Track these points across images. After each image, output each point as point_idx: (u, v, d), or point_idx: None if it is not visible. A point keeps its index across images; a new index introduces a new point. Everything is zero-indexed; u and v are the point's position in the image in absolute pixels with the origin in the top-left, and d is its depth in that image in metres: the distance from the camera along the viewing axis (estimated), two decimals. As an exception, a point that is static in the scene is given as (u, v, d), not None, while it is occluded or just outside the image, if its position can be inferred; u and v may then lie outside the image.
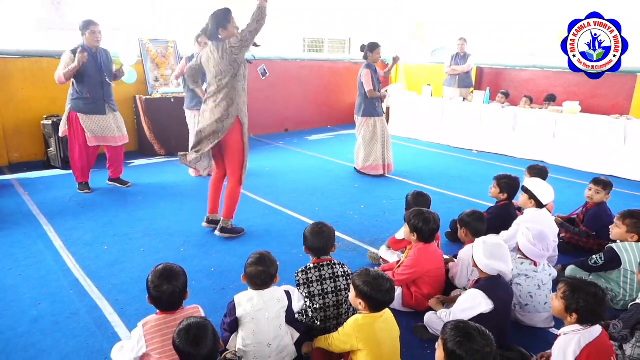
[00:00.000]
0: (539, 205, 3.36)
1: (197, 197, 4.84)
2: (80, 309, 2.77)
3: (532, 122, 6.97)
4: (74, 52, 4.51)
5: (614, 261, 2.90)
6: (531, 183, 3.42)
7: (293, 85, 8.84)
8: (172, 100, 6.54)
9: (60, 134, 4.90)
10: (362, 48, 5.68)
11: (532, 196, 3.36)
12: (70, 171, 5.17)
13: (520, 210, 3.75)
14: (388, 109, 9.52)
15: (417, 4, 10.23)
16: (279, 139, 8.16)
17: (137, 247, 3.64)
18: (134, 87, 6.51)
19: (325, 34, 10.14)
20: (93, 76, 4.63)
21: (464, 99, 8.02)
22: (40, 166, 5.82)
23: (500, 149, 7.33)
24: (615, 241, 3.05)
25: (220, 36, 3.54)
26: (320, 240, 2.50)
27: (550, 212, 3.60)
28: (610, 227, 3.14)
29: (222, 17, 3.53)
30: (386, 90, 5.70)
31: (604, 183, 3.67)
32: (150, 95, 6.57)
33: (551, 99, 7.43)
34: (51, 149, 5.73)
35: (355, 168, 6.02)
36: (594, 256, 3.00)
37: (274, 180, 5.62)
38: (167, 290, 1.98)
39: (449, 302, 2.84)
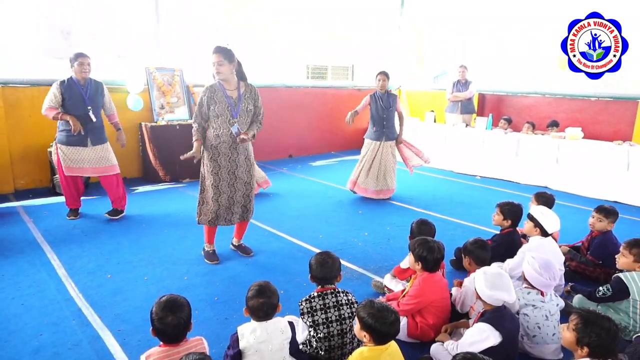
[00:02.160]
0: (545, 233, 3.34)
1: (200, 225, 4.82)
2: (82, 340, 2.74)
3: (535, 147, 6.99)
4: (62, 84, 4.53)
5: (622, 292, 2.87)
6: (537, 211, 3.41)
7: (297, 112, 8.93)
8: (178, 127, 6.62)
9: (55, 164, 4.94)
10: None
11: (537, 224, 3.34)
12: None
13: (525, 237, 3.73)
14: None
15: (419, 31, 10.42)
16: (283, 165, 8.20)
17: (140, 275, 3.63)
18: (140, 115, 6.61)
19: (328, 61, 10.32)
20: (77, 110, 4.55)
21: (467, 125, 8.08)
22: (45, 193, 5.85)
23: (504, 175, 7.33)
24: (622, 270, 3.01)
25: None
26: (325, 270, 2.50)
27: (556, 240, 3.58)
28: (616, 256, 3.11)
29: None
30: (351, 115, 5.77)
31: (606, 211, 3.65)
32: (156, 122, 6.66)
33: (554, 125, 7.48)
34: (57, 175, 5.77)
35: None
36: (601, 288, 2.96)
37: (278, 206, 5.62)
38: (172, 322, 1.96)
39: (455, 328, 2.80)
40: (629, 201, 6.03)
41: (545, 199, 4.01)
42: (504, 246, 3.56)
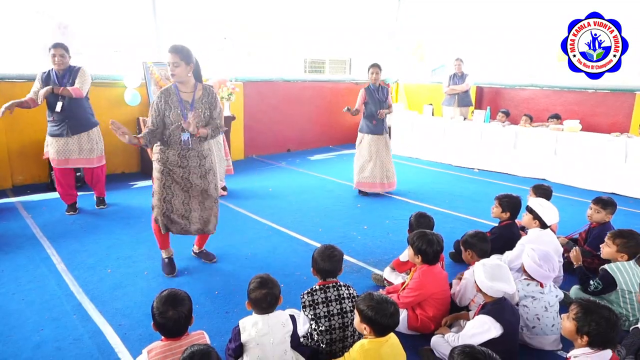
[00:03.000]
0: (543, 225, 3.35)
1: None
2: (83, 335, 2.75)
3: (533, 140, 7.00)
4: (42, 74, 4.60)
5: (610, 284, 2.91)
6: (536, 203, 3.42)
7: (295, 106, 8.92)
8: (175, 121, 6.59)
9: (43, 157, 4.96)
10: None
11: (536, 216, 3.36)
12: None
13: (523, 229, 3.74)
14: (389, 128, 9.59)
15: (416, 24, 10.39)
16: (282, 159, 8.19)
17: (140, 270, 3.63)
18: (138, 109, 6.59)
19: (326, 54, 10.28)
20: (49, 99, 4.57)
21: (465, 118, 8.08)
22: (43, 188, 5.84)
23: (502, 168, 7.35)
24: (609, 261, 3.05)
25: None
26: (331, 263, 2.51)
27: (554, 232, 3.59)
28: (600, 245, 3.15)
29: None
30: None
31: (603, 202, 3.67)
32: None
33: (556, 118, 7.48)
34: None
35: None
36: (592, 282, 3.00)
37: (277, 201, 5.62)
38: (173, 316, 1.97)
39: (455, 320, 2.82)
40: (626, 193, 6.06)
41: (543, 191, 4.02)
42: (503, 238, 3.57)
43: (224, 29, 8.10)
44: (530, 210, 3.42)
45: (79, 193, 5.13)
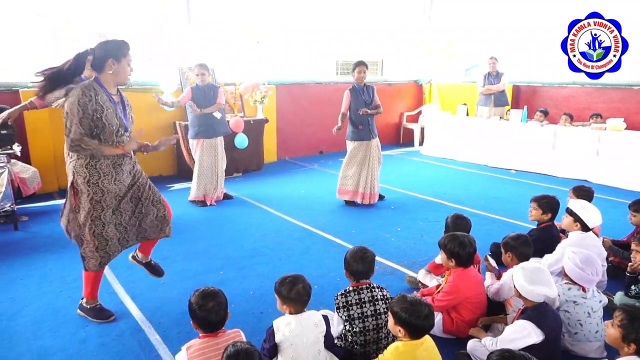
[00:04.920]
0: (585, 228, 3.23)
1: (235, 220, 4.93)
2: (125, 331, 2.85)
3: (573, 140, 6.76)
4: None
5: None
6: (577, 205, 3.30)
7: (327, 108, 8.92)
8: (210, 125, 6.74)
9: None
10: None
11: (577, 219, 3.24)
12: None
13: (564, 232, 3.62)
14: (422, 129, 9.47)
15: (448, 23, 10.23)
16: (314, 161, 8.24)
17: (177, 270, 3.73)
18: (174, 114, 6.77)
19: (357, 56, 10.28)
20: None
21: (500, 117, 7.89)
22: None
23: (540, 169, 7.12)
24: None
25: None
26: (363, 265, 2.51)
27: (597, 235, 3.46)
28: (631, 256, 3.01)
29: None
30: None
31: (638, 204, 3.55)
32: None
33: (597, 115, 7.21)
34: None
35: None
36: (633, 287, 2.86)
37: (310, 202, 5.65)
38: (214, 307, 2.03)
39: (493, 323, 2.76)
40: (675, 194, 5.76)
41: (585, 192, 3.88)
42: (543, 241, 3.46)
43: (257, 34, 8.23)
44: (570, 212, 3.30)
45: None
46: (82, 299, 3.02)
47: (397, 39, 10.14)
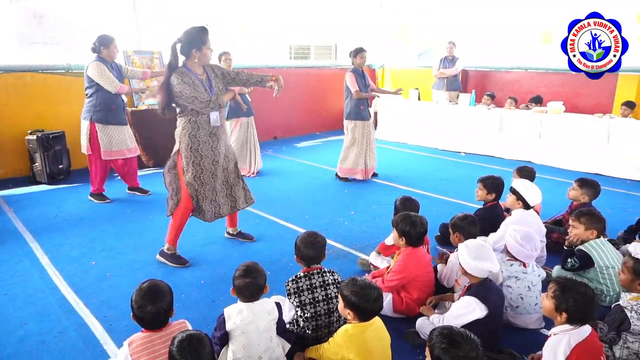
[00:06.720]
0: (527, 206, 3.38)
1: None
2: (68, 327, 2.73)
3: (518, 123, 7.04)
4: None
5: (587, 263, 2.96)
6: (519, 184, 3.45)
7: (281, 93, 8.83)
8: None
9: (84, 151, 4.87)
10: (350, 54, 5.75)
11: (519, 197, 3.39)
12: (57, 186, 5.19)
13: (508, 211, 3.78)
14: (376, 113, 9.56)
15: (401, 8, 10.31)
16: (268, 147, 8.14)
17: (125, 261, 3.60)
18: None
19: (311, 40, 10.18)
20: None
21: (451, 101, 8.08)
22: (25, 182, 5.74)
23: (488, 151, 7.39)
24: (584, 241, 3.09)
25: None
26: (313, 250, 2.50)
27: (538, 213, 3.63)
28: (568, 230, 3.18)
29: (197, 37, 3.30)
30: (370, 92, 5.78)
31: (582, 181, 3.77)
32: (137, 107, 6.53)
33: (537, 100, 7.52)
34: (36, 164, 5.66)
35: (336, 172, 6.03)
36: (569, 260, 3.04)
37: (264, 188, 5.59)
38: (151, 311, 1.95)
39: (441, 301, 2.85)
40: (609, 173, 6.14)
41: (527, 172, 4.06)
42: (487, 220, 3.59)
43: (206, 16, 7.96)
44: (513, 191, 3.45)
45: (60, 186, 5.07)
46: (165, 245, 3.56)
47: (350, 24, 10.11)
